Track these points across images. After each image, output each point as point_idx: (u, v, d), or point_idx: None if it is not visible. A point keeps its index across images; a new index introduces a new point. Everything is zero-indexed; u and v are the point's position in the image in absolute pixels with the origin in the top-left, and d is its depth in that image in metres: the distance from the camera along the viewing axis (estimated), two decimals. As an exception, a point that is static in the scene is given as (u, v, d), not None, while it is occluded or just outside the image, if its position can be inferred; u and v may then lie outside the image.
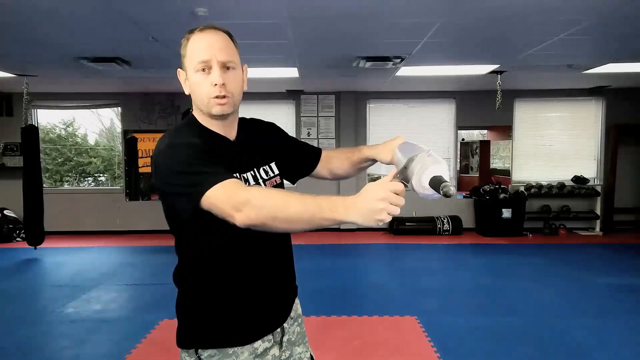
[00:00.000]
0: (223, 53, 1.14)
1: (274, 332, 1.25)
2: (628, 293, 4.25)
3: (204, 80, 1.13)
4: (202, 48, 1.13)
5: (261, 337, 1.21)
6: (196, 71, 1.14)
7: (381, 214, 0.89)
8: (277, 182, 1.32)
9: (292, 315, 1.34)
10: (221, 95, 1.13)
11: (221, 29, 1.18)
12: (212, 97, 1.14)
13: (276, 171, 1.32)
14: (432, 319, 3.62)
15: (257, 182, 1.25)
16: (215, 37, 1.15)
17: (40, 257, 5.93)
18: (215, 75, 1.12)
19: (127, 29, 3.62)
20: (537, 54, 4.59)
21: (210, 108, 1.15)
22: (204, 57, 1.12)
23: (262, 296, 1.23)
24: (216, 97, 1.13)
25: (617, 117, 7.27)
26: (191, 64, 1.14)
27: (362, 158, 1.38)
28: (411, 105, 7.46)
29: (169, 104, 7.31)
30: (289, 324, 1.32)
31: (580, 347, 3.11)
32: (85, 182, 11.43)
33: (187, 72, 1.17)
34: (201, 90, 1.14)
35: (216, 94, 1.13)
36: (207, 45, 1.13)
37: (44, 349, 3.22)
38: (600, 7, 3.17)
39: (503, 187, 7.23)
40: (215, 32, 1.16)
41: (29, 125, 6.05)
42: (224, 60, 1.13)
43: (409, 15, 3.36)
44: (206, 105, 1.15)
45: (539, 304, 3.98)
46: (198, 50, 1.13)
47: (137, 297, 4.40)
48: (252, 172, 1.25)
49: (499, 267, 5.31)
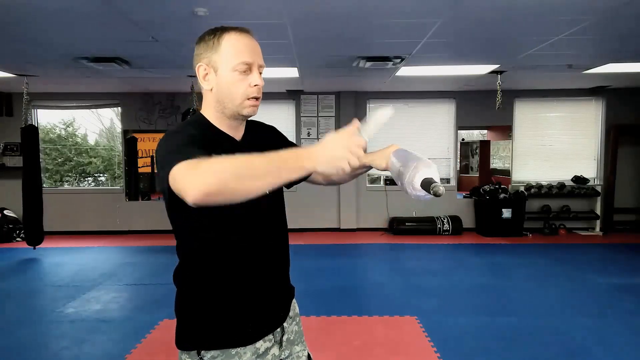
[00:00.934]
0: (261, 58, 1.20)
1: (274, 331, 1.26)
2: (628, 293, 4.25)
3: (242, 80, 1.16)
4: (245, 50, 1.16)
5: (263, 336, 1.22)
6: (234, 70, 1.15)
7: (342, 161, 0.91)
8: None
9: (291, 314, 1.36)
10: (258, 97, 1.18)
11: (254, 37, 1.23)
12: (249, 97, 1.16)
13: None
14: (432, 319, 3.62)
15: None
16: (254, 42, 1.20)
17: (40, 257, 5.93)
18: (257, 77, 1.16)
19: (127, 29, 3.62)
20: (537, 54, 4.59)
21: (242, 108, 1.18)
22: (248, 59, 1.16)
23: (263, 296, 1.24)
24: (253, 98, 1.17)
25: (617, 117, 7.27)
26: (229, 63, 1.15)
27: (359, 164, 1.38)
28: (411, 105, 7.46)
29: (169, 104, 7.32)
30: (288, 323, 1.33)
31: (580, 347, 3.11)
32: (85, 182, 11.44)
33: (220, 70, 1.16)
34: (237, 89, 1.16)
35: (254, 95, 1.17)
36: (250, 48, 1.17)
37: (44, 349, 3.22)
38: (601, 7, 3.17)
39: (503, 187, 7.23)
40: (252, 37, 1.20)
41: (29, 125, 6.05)
42: (262, 65, 1.19)
43: (409, 15, 3.36)
44: (239, 104, 1.17)
45: (539, 304, 3.98)
46: (241, 51, 1.16)
47: (137, 297, 4.40)
48: None
49: (499, 267, 5.32)
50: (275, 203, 1.33)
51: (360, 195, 7.46)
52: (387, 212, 7.39)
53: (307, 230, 7.34)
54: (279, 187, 1.32)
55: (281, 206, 1.37)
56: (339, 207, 7.45)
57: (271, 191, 1.23)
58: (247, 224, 1.21)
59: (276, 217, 1.32)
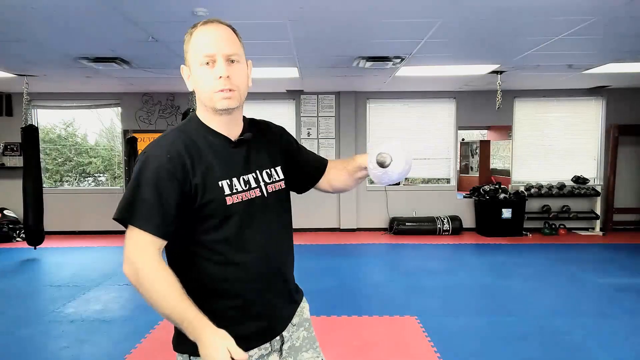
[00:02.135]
0: (227, 46, 1.11)
1: (272, 340, 1.22)
2: (628, 293, 4.25)
3: (208, 74, 1.11)
4: (206, 41, 1.11)
5: (257, 345, 1.19)
6: (200, 65, 1.11)
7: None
8: (281, 188, 1.27)
9: (295, 321, 1.31)
10: (226, 89, 1.11)
11: (224, 23, 1.16)
12: (216, 90, 1.11)
13: (281, 176, 1.28)
14: (432, 319, 3.62)
15: (258, 184, 1.20)
16: (219, 31, 1.13)
17: (40, 257, 5.93)
18: (220, 67, 1.10)
19: (127, 29, 3.62)
20: (537, 54, 4.59)
21: (215, 102, 1.12)
22: (208, 50, 1.10)
23: (254, 308, 1.18)
24: (221, 91, 1.11)
25: (617, 117, 7.27)
26: (195, 58, 1.12)
27: (356, 166, 1.34)
28: (411, 105, 7.46)
29: (169, 104, 7.32)
30: (290, 332, 1.29)
31: (580, 347, 3.11)
32: (85, 182, 11.44)
33: (191, 68, 1.14)
34: (205, 84, 1.12)
35: (221, 87, 1.10)
36: (211, 39, 1.11)
37: (44, 349, 3.22)
38: (601, 7, 3.17)
39: (503, 187, 7.23)
40: (218, 26, 1.14)
41: (29, 125, 6.04)
42: (228, 53, 1.11)
43: (409, 15, 3.36)
44: (210, 99, 1.13)
45: (539, 304, 3.98)
46: (202, 44, 1.11)
47: (137, 297, 4.37)
48: (254, 174, 1.21)
49: (499, 267, 5.31)
50: (278, 211, 1.26)
51: (360, 195, 7.46)
52: (387, 212, 7.39)
53: (307, 230, 7.34)
54: (285, 192, 1.30)
55: (285, 214, 1.31)
56: (339, 207, 7.45)
57: (272, 199, 1.23)
58: (243, 232, 1.15)
59: (278, 227, 1.25)
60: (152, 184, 1.07)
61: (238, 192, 1.15)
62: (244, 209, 1.16)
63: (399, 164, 1.05)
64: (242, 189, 1.16)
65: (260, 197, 1.20)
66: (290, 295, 1.30)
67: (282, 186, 1.28)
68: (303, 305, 1.36)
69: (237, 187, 1.16)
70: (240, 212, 1.15)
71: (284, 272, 1.26)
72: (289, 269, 1.30)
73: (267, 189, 1.22)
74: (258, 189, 1.20)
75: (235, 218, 1.14)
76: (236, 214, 1.14)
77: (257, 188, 1.20)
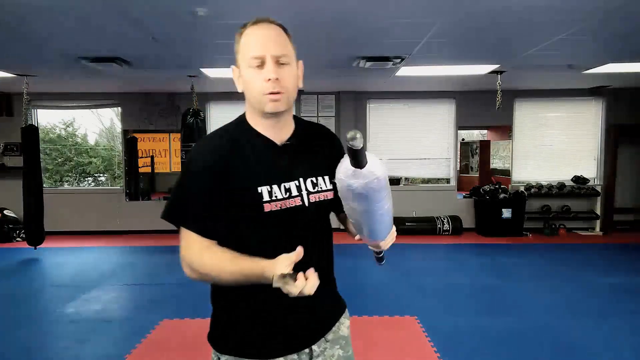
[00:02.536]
0: (277, 47, 1.09)
1: (299, 352, 1.19)
2: (628, 293, 4.25)
3: (257, 76, 1.08)
4: (255, 43, 1.09)
5: (282, 354, 1.16)
6: (249, 66, 1.09)
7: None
8: (326, 198, 1.19)
9: (330, 337, 1.25)
10: (275, 91, 1.08)
11: (275, 22, 1.13)
12: (265, 93, 1.08)
13: (329, 186, 1.19)
14: (432, 319, 3.62)
15: (300, 193, 1.15)
16: (269, 31, 1.11)
17: (40, 257, 5.93)
18: (269, 70, 1.07)
19: (127, 29, 3.62)
20: (537, 54, 4.59)
21: (263, 105, 1.10)
22: (257, 52, 1.08)
23: (284, 315, 1.16)
24: (270, 93, 1.08)
25: (617, 117, 7.27)
26: (244, 60, 1.10)
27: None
28: (411, 105, 7.46)
29: (169, 104, 7.31)
30: (320, 347, 1.23)
31: (580, 347, 3.11)
32: (85, 182, 11.44)
33: (241, 69, 1.12)
34: (254, 86, 1.09)
35: (270, 90, 1.07)
36: (260, 40, 1.09)
37: (44, 349, 3.22)
38: (601, 7, 3.16)
39: (503, 187, 7.23)
40: (268, 26, 1.12)
41: (29, 125, 6.05)
42: (277, 55, 1.08)
43: (409, 15, 3.36)
44: (259, 102, 1.10)
45: (539, 304, 3.98)
46: (251, 45, 1.09)
47: (137, 297, 4.40)
48: (297, 182, 1.15)
49: (499, 267, 5.32)
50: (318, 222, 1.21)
51: (360, 195, 7.45)
52: (387, 212, 7.38)
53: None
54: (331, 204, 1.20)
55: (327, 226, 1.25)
56: (339, 207, 7.44)
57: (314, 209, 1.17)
58: (277, 241, 1.12)
59: (315, 239, 1.19)
60: (195, 184, 1.10)
61: (277, 199, 1.12)
62: (281, 218, 1.12)
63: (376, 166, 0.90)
64: (282, 196, 1.12)
65: (300, 206, 1.14)
66: (323, 311, 1.24)
67: (329, 197, 1.19)
68: (341, 321, 1.30)
69: (277, 195, 1.12)
70: (277, 221, 1.12)
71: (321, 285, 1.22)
72: (324, 283, 1.24)
73: (308, 199, 1.16)
74: (299, 198, 1.15)
75: (271, 226, 1.12)
76: (273, 222, 1.12)
77: (298, 197, 1.14)
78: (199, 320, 3.66)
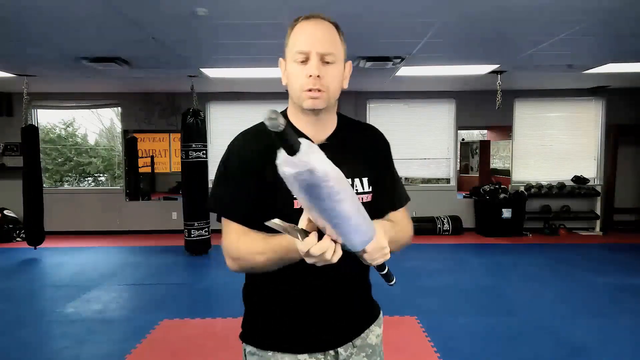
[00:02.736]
0: (324, 45, 1.06)
1: (325, 352, 1.17)
2: (628, 293, 4.25)
3: (300, 71, 1.07)
4: (302, 38, 1.07)
5: (307, 352, 1.16)
6: (294, 61, 1.08)
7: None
8: (362, 201, 1.14)
9: (358, 343, 1.22)
10: (315, 88, 1.06)
11: (327, 19, 1.11)
12: (305, 89, 1.07)
13: (366, 188, 1.17)
14: (432, 319, 3.62)
15: None
16: (319, 28, 1.08)
17: (40, 257, 5.93)
18: (312, 66, 1.05)
19: (127, 29, 3.62)
20: (537, 54, 4.59)
21: (302, 101, 1.09)
22: (303, 47, 1.06)
23: (313, 314, 1.16)
24: (309, 90, 1.07)
25: (617, 117, 7.27)
26: (290, 54, 1.09)
27: None
28: (411, 105, 7.46)
29: (169, 104, 7.31)
30: (347, 352, 1.20)
31: (580, 347, 3.11)
32: (85, 182, 11.44)
33: (287, 62, 1.11)
34: (296, 81, 1.08)
35: (310, 86, 1.06)
36: (308, 36, 1.07)
37: (44, 349, 3.22)
38: (601, 7, 3.17)
39: (503, 187, 7.23)
40: (319, 22, 1.09)
41: (29, 125, 6.05)
42: (323, 53, 1.06)
43: (409, 15, 3.36)
44: (298, 97, 1.09)
45: (539, 304, 3.98)
46: (299, 40, 1.08)
47: (137, 297, 4.40)
48: None
49: (499, 267, 5.32)
50: None
51: (360, 195, 7.46)
52: (387, 212, 7.39)
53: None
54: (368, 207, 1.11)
55: None
56: (339, 207, 7.44)
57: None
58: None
59: None
60: (233, 176, 1.13)
61: None
62: None
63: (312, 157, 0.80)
64: None
65: None
66: (353, 314, 1.22)
67: (365, 199, 1.17)
68: (372, 329, 1.27)
69: None
70: None
71: (346, 288, 1.19)
72: (356, 287, 1.23)
73: None
74: None
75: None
76: None
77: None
78: (199, 320, 3.66)
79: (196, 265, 5.51)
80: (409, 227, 1.25)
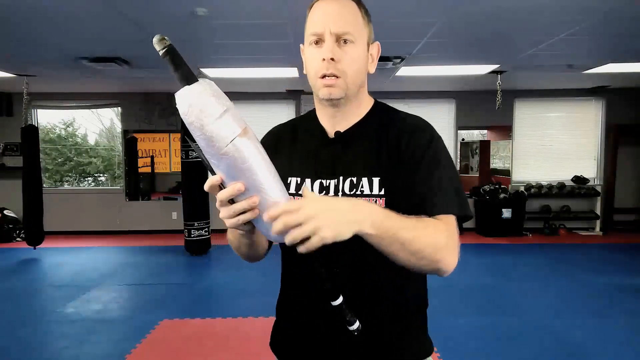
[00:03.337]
0: (338, 23, 0.92)
1: None
2: (628, 293, 4.25)
3: (315, 55, 0.93)
4: (316, 18, 0.94)
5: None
6: (310, 44, 0.95)
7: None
8: None
9: None
10: (329, 73, 0.92)
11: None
12: (319, 75, 0.93)
13: (375, 190, 0.95)
14: (432, 319, 3.60)
15: (336, 194, 0.96)
16: (335, 5, 0.94)
17: (40, 257, 5.93)
18: (326, 48, 0.91)
19: (127, 29, 3.62)
20: (537, 54, 4.59)
21: (317, 90, 0.96)
22: (316, 28, 0.93)
23: (338, 334, 0.95)
24: (323, 76, 0.93)
25: (617, 117, 7.27)
26: (306, 37, 0.97)
27: None
28: (411, 105, 7.45)
29: (169, 104, 7.31)
30: None
31: (580, 347, 3.11)
32: (85, 182, 11.44)
33: (305, 48, 0.99)
34: (311, 66, 0.95)
35: (323, 72, 0.92)
36: (322, 15, 0.93)
37: (44, 349, 3.22)
38: (601, 7, 3.16)
39: (503, 187, 7.23)
40: (337, 0, 0.95)
41: (29, 125, 6.05)
42: (338, 32, 0.91)
43: (409, 15, 3.36)
44: (314, 85, 0.97)
45: (539, 304, 3.98)
46: (313, 20, 0.95)
47: (137, 297, 4.40)
48: (336, 180, 0.98)
49: (499, 267, 5.32)
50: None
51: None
52: (387, 212, 7.38)
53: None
54: None
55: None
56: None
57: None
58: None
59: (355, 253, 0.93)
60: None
61: None
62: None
63: (199, 89, 0.69)
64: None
65: None
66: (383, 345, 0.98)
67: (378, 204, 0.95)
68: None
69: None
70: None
71: (374, 311, 0.96)
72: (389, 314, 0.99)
73: None
74: None
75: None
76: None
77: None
78: (199, 320, 3.66)
79: (196, 265, 5.51)
80: (439, 237, 0.86)
